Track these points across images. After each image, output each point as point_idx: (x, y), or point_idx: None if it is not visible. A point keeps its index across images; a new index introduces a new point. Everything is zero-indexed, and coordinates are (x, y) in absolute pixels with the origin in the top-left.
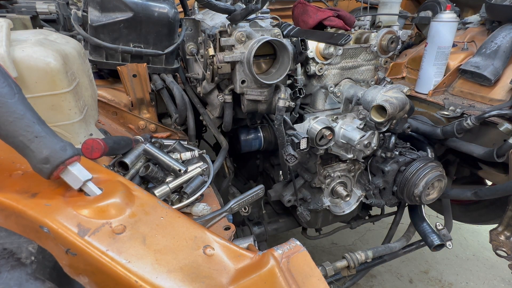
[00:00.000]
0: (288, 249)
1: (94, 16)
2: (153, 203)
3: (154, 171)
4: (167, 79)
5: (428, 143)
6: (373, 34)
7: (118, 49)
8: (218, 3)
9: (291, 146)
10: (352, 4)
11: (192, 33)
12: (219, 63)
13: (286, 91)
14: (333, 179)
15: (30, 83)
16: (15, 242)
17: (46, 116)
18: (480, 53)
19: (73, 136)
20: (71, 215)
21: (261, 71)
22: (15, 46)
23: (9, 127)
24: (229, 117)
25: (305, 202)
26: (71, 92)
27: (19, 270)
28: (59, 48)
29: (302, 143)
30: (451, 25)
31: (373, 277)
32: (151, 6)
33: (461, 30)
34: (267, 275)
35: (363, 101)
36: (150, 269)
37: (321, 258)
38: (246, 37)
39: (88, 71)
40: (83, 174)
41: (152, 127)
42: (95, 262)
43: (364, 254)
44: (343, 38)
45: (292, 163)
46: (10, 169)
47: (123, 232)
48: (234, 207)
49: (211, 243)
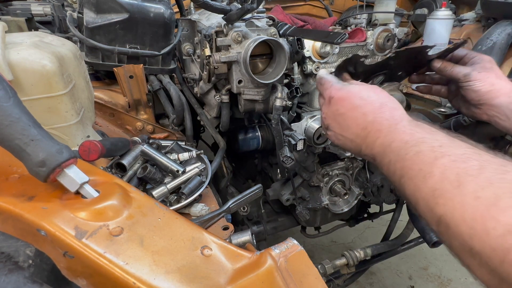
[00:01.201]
0: (285, 248)
1: (89, 17)
2: (151, 205)
3: (152, 172)
4: (164, 80)
5: None
6: (369, 32)
7: (114, 50)
8: (213, 3)
9: (287, 148)
10: (348, 2)
11: (188, 34)
12: (215, 63)
13: (283, 90)
14: (331, 177)
15: (26, 85)
16: (12, 246)
17: (43, 118)
18: (476, 50)
19: (70, 139)
20: (68, 218)
21: (257, 71)
22: (10, 48)
23: (5, 130)
24: (227, 117)
25: (304, 201)
26: (67, 94)
27: (16, 274)
28: (55, 50)
29: (299, 144)
30: (447, 22)
31: (373, 274)
32: (147, 7)
33: (457, 27)
34: (264, 275)
35: None
36: (148, 271)
37: (321, 256)
38: (242, 37)
39: (85, 73)
40: (80, 176)
41: (150, 128)
42: (92, 265)
43: (363, 252)
44: (339, 36)
45: (289, 165)
46: (7, 173)
47: (120, 234)
48: (232, 207)
49: (208, 243)
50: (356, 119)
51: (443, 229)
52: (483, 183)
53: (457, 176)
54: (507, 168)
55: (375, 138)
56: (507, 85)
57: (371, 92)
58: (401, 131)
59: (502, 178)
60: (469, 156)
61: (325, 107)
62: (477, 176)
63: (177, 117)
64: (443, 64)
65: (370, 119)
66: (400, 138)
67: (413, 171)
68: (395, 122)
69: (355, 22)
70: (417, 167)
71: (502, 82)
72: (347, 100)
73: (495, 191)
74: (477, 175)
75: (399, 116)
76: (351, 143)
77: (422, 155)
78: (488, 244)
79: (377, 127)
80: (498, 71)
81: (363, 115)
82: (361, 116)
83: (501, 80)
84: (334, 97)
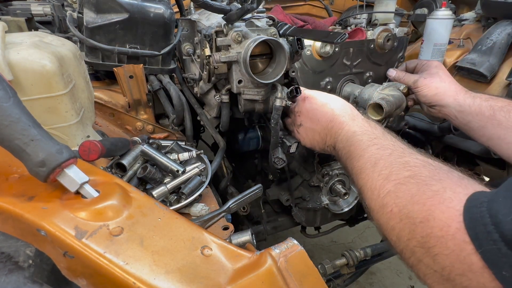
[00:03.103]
0: (285, 248)
1: (89, 17)
2: (151, 205)
3: (152, 172)
4: (164, 80)
5: (426, 140)
6: (369, 32)
7: (114, 50)
8: (213, 3)
9: (280, 149)
10: (348, 2)
11: (188, 34)
12: (215, 63)
13: (283, 90)
14: (331, 177)
15: (26, 85)
16: (12, 246)
17: (43, 118)
18: (476, 50)
19: (70, 139)
20: (68, 218)
21: (257, 71)
22: (10, 48)
23: (5, 130)
24: (227, 117)
25: (303, 201)
26: (67, 94)
27: (16, 274)
28: (55, 50)
29: (292, 147)
30: (446, 22)
31: (373, 274)
32: (147, 7)
33: (457, 27)
34: (264, 275)
35: (360, 99)
36: (148, 271)
37: (321, 256)
38: (242, 36)
39: (84, 73)
40: (80, 176)
41: (150, 128)
42: (92, 265)
43: (363, 252)
44: (339, 36)
45: (280, 166)
46: (7, 173)
47: (120, 234)
48: (232, 207)
49: (208, 243)
50: (326, 113)
51: (362, 195)
52: (386, 164)
53: (375, 159)
54: (405, 153)
55: (337, 129)
56: (451, 86)
57: (336, 96)
58: (355, 125)
59: (398, 161)
60: (388, 146)
61: (298, 107)
62: (385, 159)
63: (177, 117)
64: (397, 73)
65: (336, 113)
66: (353, 130)
67: (354, 154)
68: (353, 118)
69: (355, 22)
70: (356, 151)
71: (446, 84)
72: (318, 98)
73: (390, 170)
74: (386, 158)
75: (356, 113)
76: (319, 135)
77: (362, 143)
78: (377, 203)
79: (341, 120)
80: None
81: (331, 110)
82: (330, 111)
83: (444, 83)
84: (308, 97)
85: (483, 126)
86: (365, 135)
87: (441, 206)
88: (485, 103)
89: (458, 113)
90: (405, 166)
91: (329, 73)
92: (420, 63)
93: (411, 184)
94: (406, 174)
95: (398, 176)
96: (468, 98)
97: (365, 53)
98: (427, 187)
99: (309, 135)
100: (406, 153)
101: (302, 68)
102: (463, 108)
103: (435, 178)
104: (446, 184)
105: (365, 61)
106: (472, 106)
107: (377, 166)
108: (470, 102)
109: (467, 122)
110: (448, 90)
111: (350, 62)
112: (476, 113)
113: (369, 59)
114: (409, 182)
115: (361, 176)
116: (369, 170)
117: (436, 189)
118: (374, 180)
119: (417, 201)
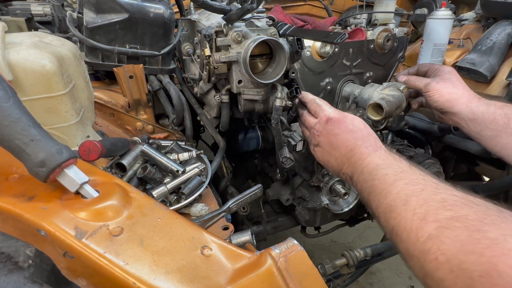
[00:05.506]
0: (285, 248)
1: (89, 17)
2: (150, 205)
3: (152, 172)
4: (164, 80)
5: (426, 140)
6: (369, 32)
7: (114, 50)
8: (213, 3)
9: (287, 148)
10: (348, 2)
11: (188, 34)
12: (215, 63)
13: (283, 90)
14: (331, 177)
15: (26, 86)
16: (12, 246)
17: (43, 118)
18: (475, 49)
19: (70, 139)
20: (68, 218)
21: (257, 71)
22: (10, 49)
23: (5, 130)
24: (227, 117)
25: (303, 201)
26: (67, 95)
27: (16, 274)
28: (55, 50)
29: (298, 145)
30: (446, 22)
31: (373, 274)
32: (147, 7)
33: (456, 27)
34: (264, 275)
35: (359, 99)
36: (148, 271)
37: (321, 256)
38: (242, 37)
39: (84, 73)
40: (80, 176)
41: (150, 128)
42: (92, 265)
43: (363, 252)
44: (339, 36)
45: (288, 165)
46: (6, 173)
47: (120, 234)
48: (232, 207)
49: (208, 243)
50: (347, 141)
51: (394, 237)
52: (420, 202)
53: (406, 196)
54: (439, 190)
55: (357, 159)
56: (465, 93)
57: (361, 122)
58: (377, 157)
59: (433, 198)
60: (418, 181)
61: (319, 126)
62: (418, 196)
63: (177, 117)
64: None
65: (358, 143)
66: (375, 162)
67: (378, 189)
68: (376, 149)
69: (355, 22)
70: (381, 186)
71: (459, 91)
72: (343, 124)
73: (427, 208)
74: (418, 195)
75: (380, 145)
76: (335, 160)
77: (387, 177)
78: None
79: (362, 150)
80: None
81: (354, 139)
82: (352, 139)
83: (458, 89)
84: (332, 119)
85: (496, 135)
86: (390, 169)
87: (506, 259)
88: (499, 110)
89: (470, 121)
90: (443, 205)
91: (329, 74)
92: (432, 67)
93: (458, 229)
94: (447, 214)
95: (438, 217)
96: (481, 105)
97: (365, 53)
98: (481, 234)
99: (325, 157)
100: (441, 188)
101: (302, 69)
102: (476, 115)
103: (486, 222)
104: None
105: (365, 61)
106: (486, 113)
107: (410, 204)
108: (483, 110)
109: (480, 131)
110: (462, 97)
111: (350, 63)
112: (489, 121)
113: (369, 59)
114: (453, 225)
115: (392, 215)
116: (401, 209)
117: (493, 237)
118: (408, 221)
119: (471, 251)
